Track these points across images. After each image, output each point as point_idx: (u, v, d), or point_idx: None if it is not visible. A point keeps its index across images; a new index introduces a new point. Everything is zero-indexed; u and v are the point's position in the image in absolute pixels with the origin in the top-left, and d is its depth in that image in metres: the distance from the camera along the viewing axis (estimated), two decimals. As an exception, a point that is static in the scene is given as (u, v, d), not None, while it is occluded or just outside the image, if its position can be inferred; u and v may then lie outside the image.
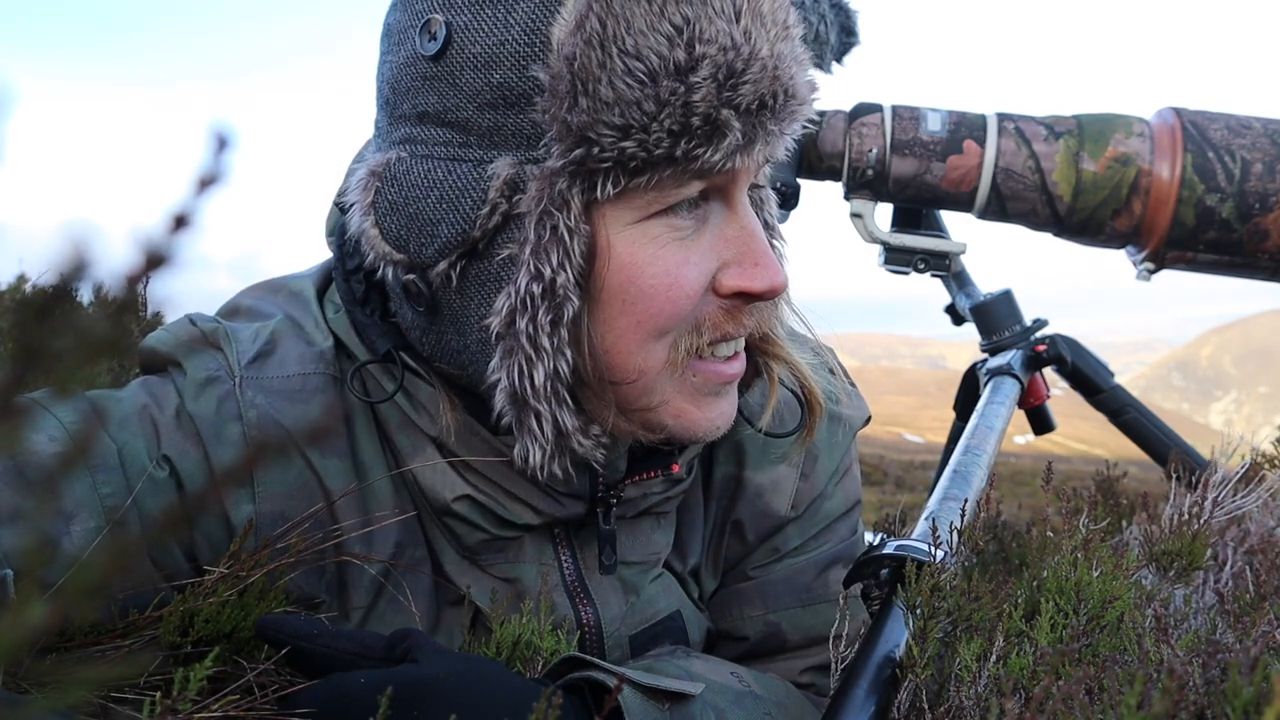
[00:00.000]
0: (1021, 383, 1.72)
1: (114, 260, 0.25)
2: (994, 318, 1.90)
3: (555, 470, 0.77)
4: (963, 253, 1.84)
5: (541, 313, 0.72)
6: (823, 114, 1.71)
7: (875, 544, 0.89)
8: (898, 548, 0.85)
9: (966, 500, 1.02)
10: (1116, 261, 1.79)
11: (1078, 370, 1.91)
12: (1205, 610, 0.94)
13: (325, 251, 0.96)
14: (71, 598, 0.26)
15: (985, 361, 1.84)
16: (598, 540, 0.91)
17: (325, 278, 0.94)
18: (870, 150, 1.67)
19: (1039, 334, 1.90)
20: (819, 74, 1.63)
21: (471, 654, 0.77)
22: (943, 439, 2.08)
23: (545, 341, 0.72)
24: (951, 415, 1.98)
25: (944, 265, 1.83)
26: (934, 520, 0.97)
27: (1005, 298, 1.92)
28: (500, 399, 0.75)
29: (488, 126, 0.72)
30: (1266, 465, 1.74)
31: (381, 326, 0.85)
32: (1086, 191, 1.62)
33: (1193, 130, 1.59)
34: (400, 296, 0.80)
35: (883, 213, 1.80)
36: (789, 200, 1.68)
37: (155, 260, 0.26)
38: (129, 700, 0.67)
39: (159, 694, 0.59)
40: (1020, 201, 1.66)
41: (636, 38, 0.66)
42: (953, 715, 0.71)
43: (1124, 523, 1.47)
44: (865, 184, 1.71)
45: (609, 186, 0.70)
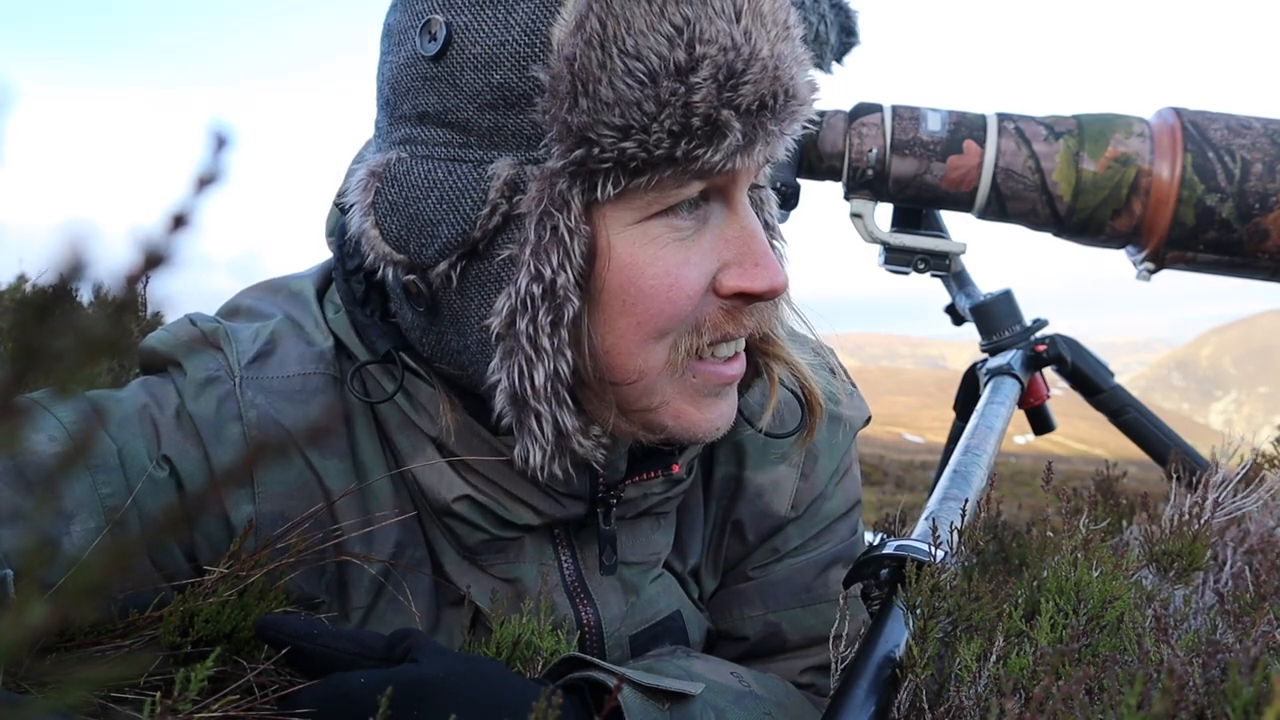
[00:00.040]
0: (1021, 383, 1.72)
1: (113, 260, 0.25)
2: (994, 318, 1.90)
3: (555, 471, 0.77)
4: (963, 253, 1.84)
5: (542, 313, 0.72)
6: (823, 114, 1.71)
7: (875, 544, 0.89)
8: (898, 548, 0.85)
9: (966, 500, 1.02)
10: (1116, 261, 1.79)
11: (1078, 370, 1.91)
12: (1205, 610, 0.94)
13: (325, 252, 0.96)
14: (71, 598, 0.26)
15: (985, 361, 1.84)
16: (598, 540, 0.91)
17: (325, 278, 0.94)
18: (870, 150, 1.67)
19: (1039, 334, 1.90)
20: (819, 74, 1.63)
21: (471, 654, 0.77)
22: (943, 439, 2.08)
23: (545, 342, 0.72)
24: (951, 415, 1.98)
25: (944, 265, 1.83)
26: (934, 520, 0.97)
27: (1005, 298, 1.91)
28: (500, 399, 0.75)
29: (488, 127, 0.72)
30: (1267, 465, 1.74)
31: (381, 327, 0.85)
32: (1086, 191, 1.62)
33: (1193, 130, 1.59)
34: (400, 297, 0.80)
35: (883, 213, 1.80)
36: (789, 200, 1.68)
37: (155, 260, 0.26)
38: (129, 700, 0.67)
39: (159, 694, 0.59)
40: (1020, 201, 1.66)
41: (637, 38, 0.66)
42: (953, 715, 0.71)
43: (1124, 523, 1.47)
44: (865, 184, 1.71)
45: (609, 187, 0.70)
